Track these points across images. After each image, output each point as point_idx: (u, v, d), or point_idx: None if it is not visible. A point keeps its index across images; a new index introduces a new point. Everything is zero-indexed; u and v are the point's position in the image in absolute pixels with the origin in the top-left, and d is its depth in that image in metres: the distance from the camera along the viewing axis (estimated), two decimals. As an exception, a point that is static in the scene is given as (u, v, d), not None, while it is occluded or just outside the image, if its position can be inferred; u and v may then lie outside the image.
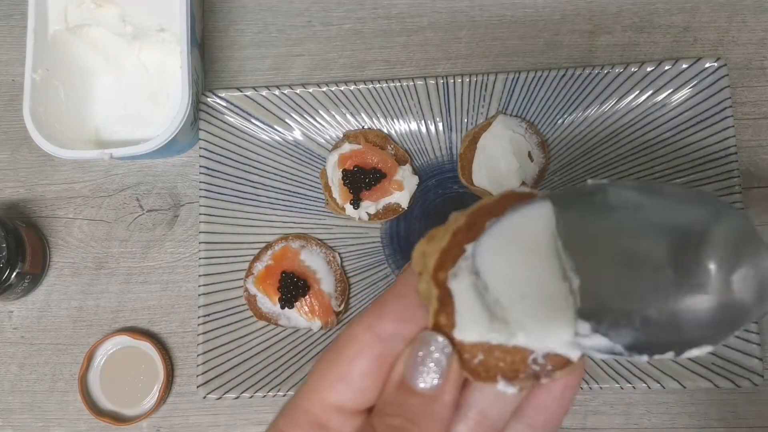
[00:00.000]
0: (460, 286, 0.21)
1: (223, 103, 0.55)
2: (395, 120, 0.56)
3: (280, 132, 0.56)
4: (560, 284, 0.20)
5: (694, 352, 0.20)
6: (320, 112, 0.56)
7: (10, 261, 0.52)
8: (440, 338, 0.21)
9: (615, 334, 0.19)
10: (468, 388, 0.22)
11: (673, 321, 0.19)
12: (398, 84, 0.54)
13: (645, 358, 0.20)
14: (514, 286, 0.20)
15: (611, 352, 0.20)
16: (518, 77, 0.53)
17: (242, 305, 0.54)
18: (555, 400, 0.23)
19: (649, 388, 0.49)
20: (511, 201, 0.22)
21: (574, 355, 0.21)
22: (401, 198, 0.54)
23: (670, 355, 0.20)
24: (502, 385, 0.21)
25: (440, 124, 0.56)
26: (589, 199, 0.21)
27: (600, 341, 0.20)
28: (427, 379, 0.21)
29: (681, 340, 0.20)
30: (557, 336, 0.20)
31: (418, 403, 0.21)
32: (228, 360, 0.52)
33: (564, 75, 0.53)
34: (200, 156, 0.55)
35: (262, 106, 0.55)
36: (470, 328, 0.21)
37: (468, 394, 0.22)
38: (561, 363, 0.21)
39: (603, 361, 0.50)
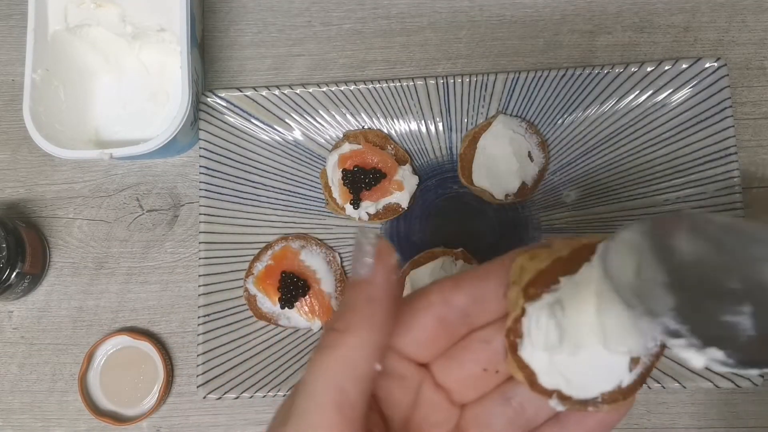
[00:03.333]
0: (538, 312, 0.22)
1: (223, 103, 0.55)
2: (395, 120, 0.56)
3: (280, 132, 0.56)
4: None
5: None
6: (320, 112, 0.56)
7: (10, 261, 0.52)
8: (370, 235, 0.22)
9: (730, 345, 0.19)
10: (515, 380, 0.24)
11: None
12: (398, 84, 0.54)
13: (755, 371, 0.20)
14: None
15: (724, 364, 0.19)
16: (518, 77, 0.53)
17: (242, 305, 0.54)
18: (597, 420, 0.24)
19: (650, 388, 0.49)
20: None
21: (696, 362, 0.21)
22: (401, 198, 0.54)
23: None
24: (554, 402, 0.23)
25: (440, 124, 0.56)
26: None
27: (715, 353, 0.19)
28: (360, 271, 0.22)
29: None
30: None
31: (354, 291, 0.22)
32: (228, 360, 0.52)
33: (564, 75, 0.53)
34: (200, 156, 0.55)
35: (262, 106, 0.55)
36: (530, 352, 0.23)
37: (515, 384, 0.24)
38: (611, 398, 0.23)
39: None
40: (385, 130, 0.56)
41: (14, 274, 0.53)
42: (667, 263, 0.20)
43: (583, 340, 0.22)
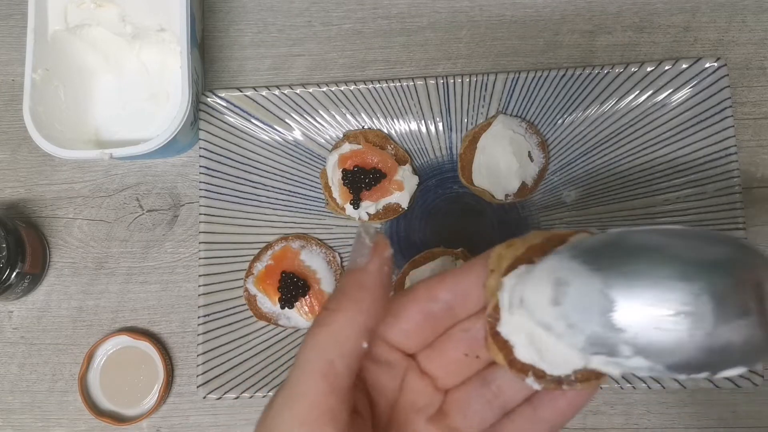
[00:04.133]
0: (509, 281, 0.24)
1: (223, 103, 0.55)
2: (395, 120, 0.56)
3: (280, 132, 0.56)
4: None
5: (728, 373, 0.21)
6: (320, 112, 0.56)
7: (10, 261, 0.52)
8: (371, 230, 0.25)
9: (656, 356, 0.20)
10: (495, 365, 0.25)
11: (711, 345, 0.20)
12: (398, 84, 0.54)
13: (683, 376, 0.21)
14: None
15: (651, 371, 0.21)
16: (518, 77, 0.53)
17: (242, 305, 0.54)
18: (567, 400, 0.26)
19: (649, 388, 0.49)
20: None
21: (615, 371, 0.22)
22: (401, 198, 0.54)
23: (705, 374, 0.21)
24: (530, 381, 0.24)
25: (440, 124, 0.56)
26: (619, 247, 0.22)
27: (641, 362, 0.21)
28: (357, 260, 0.25)
29: (717, 362, 0.20)
30: (598, 357, 0.22)
31: (349, 277, 0.25)
32: (228, 360, 0.52)
33: (564, 75, 0.53)
34: (200, 156, 0.55)
35: (262, 106, 0.55)
36: (507, 326, 0.24)
37: (494, 369, 0.26)
38: (584, 377, 0.24)
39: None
40: (385, 130, 0.56)
41: (14, 274, 0.53)
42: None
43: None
